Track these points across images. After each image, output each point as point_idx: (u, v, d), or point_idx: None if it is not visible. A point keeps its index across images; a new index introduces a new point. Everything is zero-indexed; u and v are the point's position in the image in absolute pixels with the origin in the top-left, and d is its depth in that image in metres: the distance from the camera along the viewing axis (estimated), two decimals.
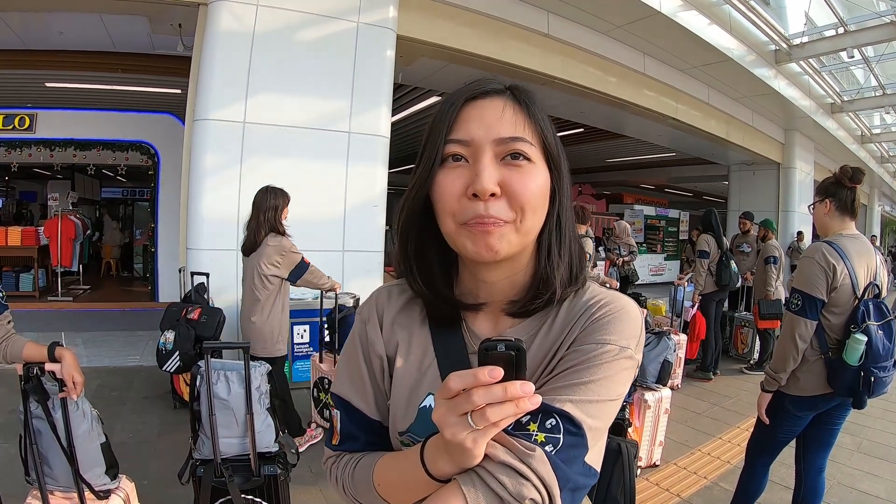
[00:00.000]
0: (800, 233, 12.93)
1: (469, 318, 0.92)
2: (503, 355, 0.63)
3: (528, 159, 0.81)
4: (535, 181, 0.81)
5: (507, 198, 0.79)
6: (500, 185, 0.79)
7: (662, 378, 4.07)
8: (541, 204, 0.83)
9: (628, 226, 8.88)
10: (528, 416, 0.71)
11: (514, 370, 0.63)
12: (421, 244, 0.90)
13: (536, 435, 0.70)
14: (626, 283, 8.12)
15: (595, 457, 0.78)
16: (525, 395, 0.62)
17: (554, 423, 0.72)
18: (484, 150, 0.80)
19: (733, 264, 6.63)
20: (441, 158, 0.82)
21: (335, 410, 0.98)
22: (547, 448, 0.70)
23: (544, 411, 0.71)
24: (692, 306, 6.51)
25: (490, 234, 0.78)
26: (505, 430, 0.69)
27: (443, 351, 0.91)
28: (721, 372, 6.72)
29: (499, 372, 0.61)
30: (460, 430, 0.64)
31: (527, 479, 0.67)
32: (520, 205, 0.79)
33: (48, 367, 2.07)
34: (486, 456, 0.68)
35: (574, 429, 0.72)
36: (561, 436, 0.71)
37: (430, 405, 0.88)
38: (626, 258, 8.24)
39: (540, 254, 0.87)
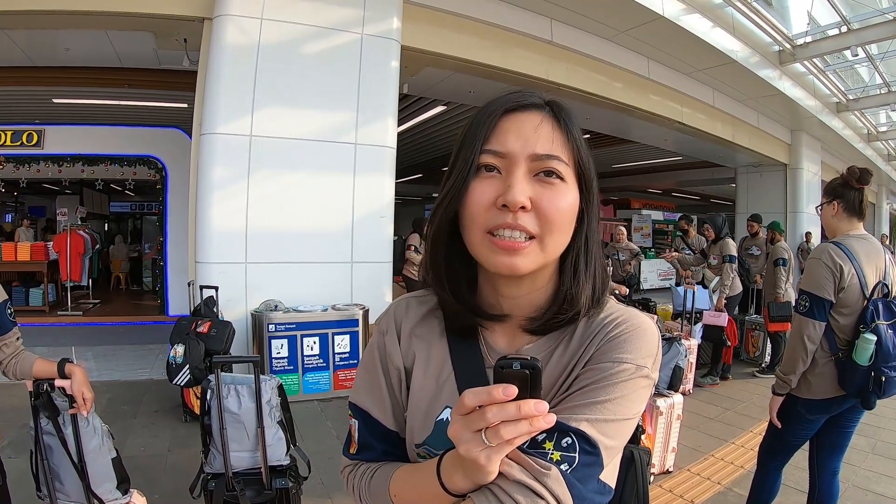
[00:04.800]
0: (808, 233, 12.85)
1: (487, 332, 0.92)
2: (518, 373, 0.62)
3: (561, 178, 0.81)
4: (565, 200, 0.81)
5: (536, 214, 0.79)
6: (531, 200, 0.79)
7: (674, 384, 4.05)
8: (568, 224, 0.83)
9: (624, 230, 8.86)
10: (545, 435, 0.70)
11: (529, 388, 0.62)
12: (451, 253, 0.90)
13: (552, 454, 0.70)
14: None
15: (609, 474, 0.77)
16: (539, 414, 0.61)
17: (570, 441, 0.71)
18: (518, 164, 0.80)
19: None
20: (475, 168, 0.82)
21: (353, 420, 0.98)
22: (562, 467, 0.69)
23: (560, 430, 0.71)
24: (713, 309, 6.43)
25: (514, 254, 0.79)
26: (521, 449, 0.69)
27: (460, 364, 0.91)
28: (732, 376, 6.67)
29: (513, 390, 0.61)
30: (474, 447, 0.63)
31: (542, 497, 0.67)
32: (547, 223, 0.79)
33: (58, 383, 2.08)
34: (501, 474, 0.68)
35: (590, 448, 0.72)
36: (577, 455, 0.71)
37: (446, 418, 0.88)
38: (629, 263, 8.22)
39: (564, 274, 0.87)
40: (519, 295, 0.88)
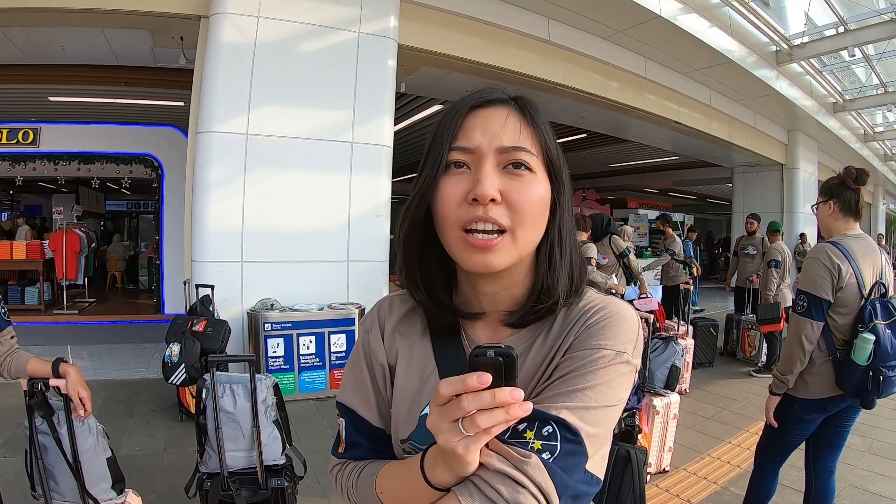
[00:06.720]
0: (803, 234, 12.82)
1: (468, 327, 0.93)
2: (492, 361, 0.62)
3: (530, 169, 0.82)
4: (535, 191, 0.82)
5: (507, 206, 0.80)
6: (501, 193, 0.79)
7: (671, 383, 4.04)
8: (539, 214, 0.83)
9: (630, 229, 8.88)
10: (525, 424, 0.70)
11: (504, 376, 0.62)
12: (424, 252, 0.90)
13: (533, 443, 0.70)
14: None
15: (597, 464, 0.77)
16: (514, 402, 0.61)
17: (551, 430, 0.71)
18: (486, 158, 0.80)
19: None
20: (444, 165, 0.82)
21: (340, 419, 0.98)
22: (544, 455, 0.69)
23: (541, 419, 0.71)
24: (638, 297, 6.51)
25: (488, 251, 0.79)
26: (502, 439, 0.69)
27: (443, 360, 0.91)
28: (729, 375, 6.70)
29: (487, 377, 0.61)
30: (452, 437, 0.64)
31: (523, 486, 0.67)
32: (518, 214, 0.80)
33: (53, 382, 2.07)
34: (482, 465, 0.68)
35: (571, 436, 0.71)
36: (558, 443, 0.70)
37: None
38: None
39: (539, 265, 0.88)
40: (497, 291, 0.89)
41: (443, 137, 0.83)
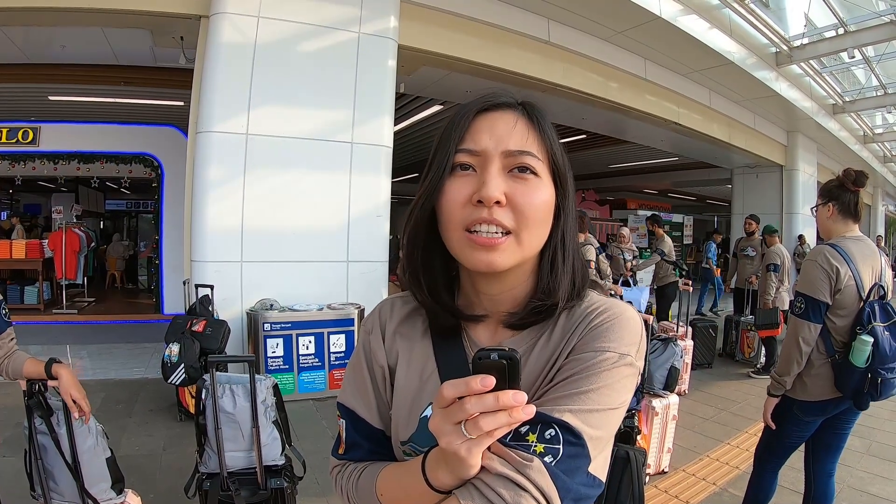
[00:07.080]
0: (801, 236, 12.78)
1: (470, 328, 0.93)
2: (496, 364, 0.62)
3: (535, 174, 0.82)
4: (539, 195, 0.82)
5: (511, 208, 0.80)
6: (506, 196, 0.79)
7: (670, 384, 4.04)
8: (543, 218, 0.83)
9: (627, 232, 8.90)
10: (528, 427, 0.70)
11: (508, 379, 0.62)
12: (428, 253, 0.91)
13: (535, 446, 0.70)
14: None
15: (599, 467, 0.77)
16: (517, 405, 0.61)
17: (553, 433, 0.71)
18: (492, 161, 0.81)
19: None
20: (450, 167, 0.83)
21: (341, 420, 0.98)
22: (546, 459, 0.69)
23: (543, 422, 0.71)
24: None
25: (492, 250, 0.79)
26: (504, 442, 0.69)
27: (444, 361, 0.91)
28: (728, 376, 6.71)
29: (490, 380, 0.61)
30: (455, 439, 0.64)
31: (525, 490, 0.67)
32: (523, 217, 0.80)
33: (51, 383, 2.07)
34: (484, 468, 0.68)
35: (574, 439, 0.71)
36: (561, 446, 0.70)
37: (430, 414, 0.88)
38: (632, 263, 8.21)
39: (542, 268, 0.88)
40: (499, 293, 0.89)
41: (449, 139, 0.84)
